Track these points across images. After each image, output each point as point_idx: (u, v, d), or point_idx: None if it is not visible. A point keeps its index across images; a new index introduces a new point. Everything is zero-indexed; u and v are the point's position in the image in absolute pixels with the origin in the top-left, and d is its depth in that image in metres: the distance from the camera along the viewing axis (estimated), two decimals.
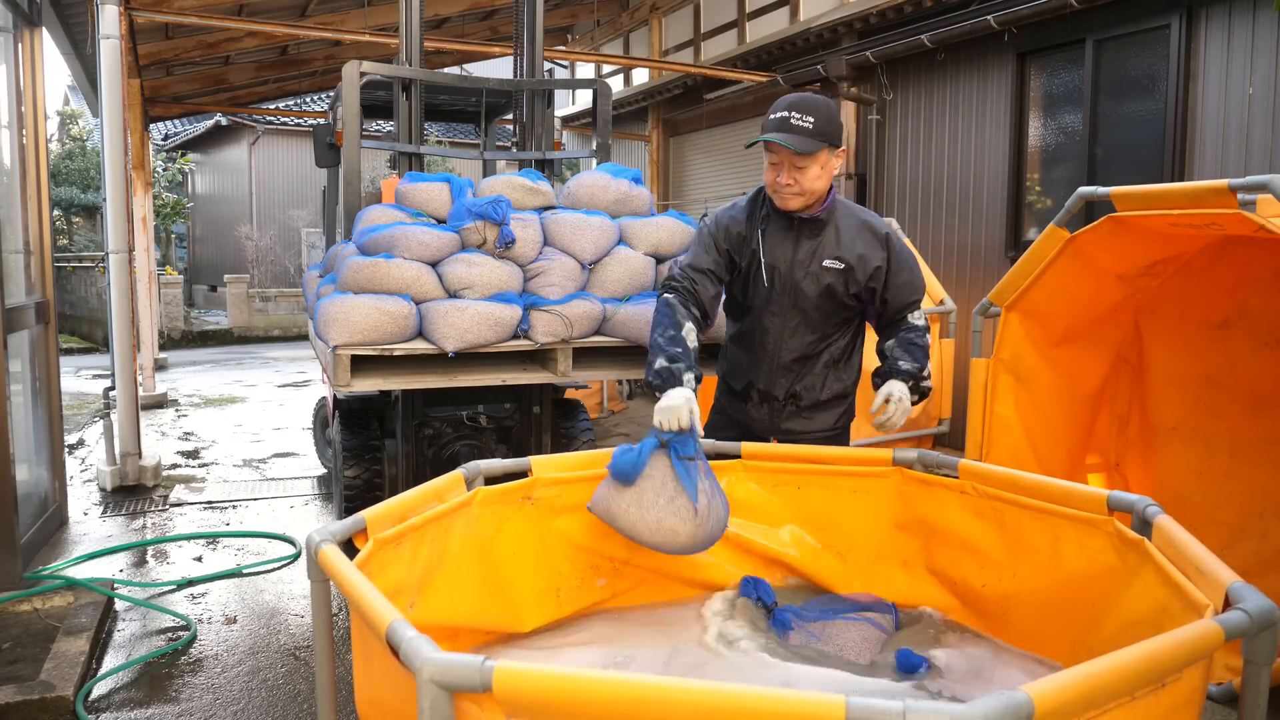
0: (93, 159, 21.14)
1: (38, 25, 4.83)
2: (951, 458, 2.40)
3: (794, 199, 2.64)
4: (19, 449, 4.28)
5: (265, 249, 21.37)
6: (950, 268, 6.95)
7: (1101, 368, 3.98)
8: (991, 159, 6.69)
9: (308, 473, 6.39)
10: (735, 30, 9.41)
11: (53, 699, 3.03)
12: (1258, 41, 5.09)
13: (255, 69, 11.24)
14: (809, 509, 2.55)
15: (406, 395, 4.30)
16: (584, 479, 2.44)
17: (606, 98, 4.80)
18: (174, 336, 16.22)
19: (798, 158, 2.57)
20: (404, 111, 4.37)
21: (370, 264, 3.41)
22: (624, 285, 3.69)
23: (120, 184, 5.73)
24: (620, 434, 7.22)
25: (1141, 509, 1.91)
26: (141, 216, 9.09)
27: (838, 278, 2.71)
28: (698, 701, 1.18)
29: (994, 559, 2.26)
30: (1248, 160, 5.13)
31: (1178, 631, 1.35)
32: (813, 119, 2.56)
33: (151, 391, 9.22)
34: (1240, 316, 3.76)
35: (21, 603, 3.83)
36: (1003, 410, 3.79)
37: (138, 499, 5.67)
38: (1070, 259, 3.48)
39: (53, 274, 4.91)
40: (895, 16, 7.20)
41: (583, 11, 11.33)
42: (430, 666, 1.27)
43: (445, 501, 2.15)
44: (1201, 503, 3.83)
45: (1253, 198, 2.80)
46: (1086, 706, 1.22)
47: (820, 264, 2.70)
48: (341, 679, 2.99)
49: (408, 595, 1.96)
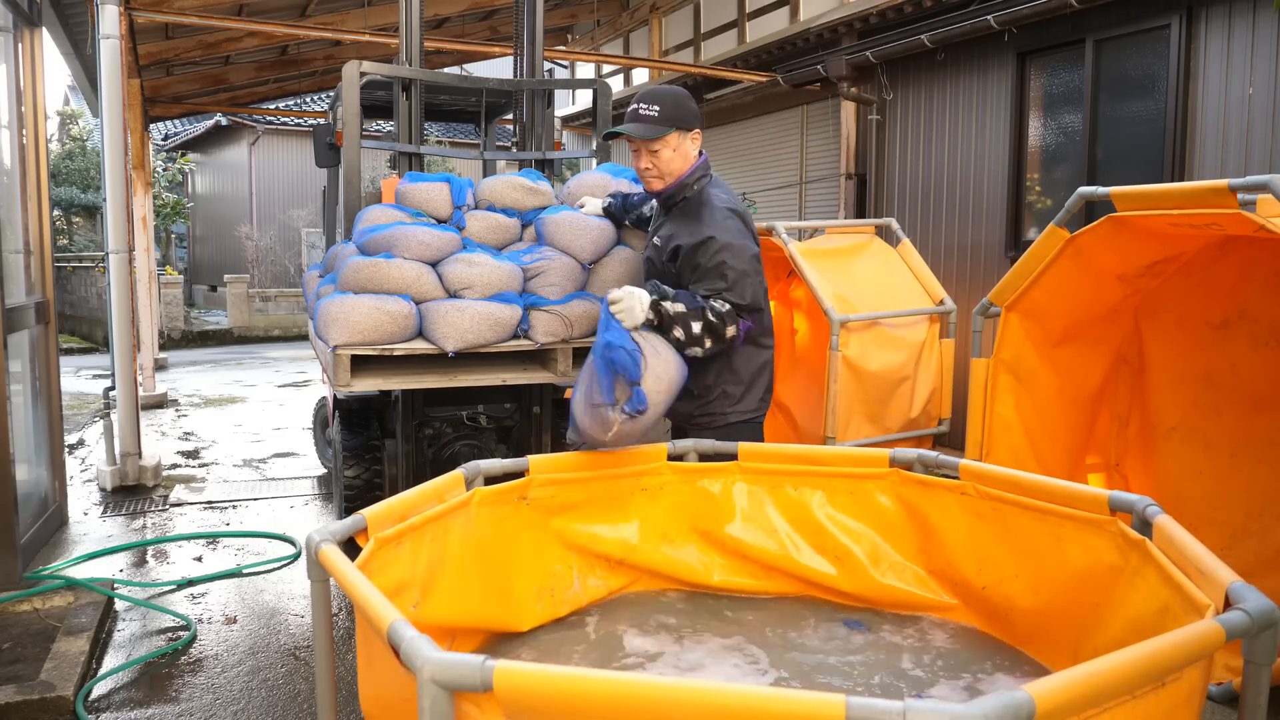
0: (93, 159, 21.14)
1: (38, 25, 4.83)
2: (952, 458, 2.39)
3: (655, 181, 2.90)
4: (19, 449, 4.28)
5: (265, 249, 21.36)
6: (950, 268, 6.95)
7: (1101, 368, 3.98)
8: (991, 159, 6.69)
9: (308, 473, 6.39)
10: (735, 30, 9.41)
11: (53, 699, 3.04)
12: (1258, 41, 5.09)
13: (255, 69, 11.24)
14: (804, 511, 2.54)
15: (406, 395, 4.30)
16: (578, 479, 2.44)
17: (606, 98, 4.80)
18: (174, 336, 16.22)
19: (648, 143, 2.82)
20: (404, 111, 4.37)
21: (370, 264, 3.41)
22: (624, 285, 3.69)
23: (120, 184, 5.73)
24: None
25: (1142, 509, 1.91)
26: (141, 216, 9.10)
27: (656, 253, 2.97)
28: (698, 701, 1.18)
29: (995, 560, 2.26)
30: (1248, 160, 5.13)
31: (1179, 631, 1.35)
32: (658, 106, 2.80)
33: (151, 391, 9.23)
34: (1240, 316, 3.76)
35: (21, 603, 3.83)
36: (1003, 410, 3.79)
37: (138, 499, 5.67)
38: (1070, 259, 3.48)
39: (53, 274, 4.91)
40: (895, 16, 7.20)
41: (583, 11, 11.33)
42: (430, 666, 1.27)
43: (445, 501, 2.15)
44: (1201, 503, 3.83)
45: (1253, 198, 2.80)
46: (1087, 706, 1.22)
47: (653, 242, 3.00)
48: (341, 679, 2.99)
49: (410, 594, 1.96)
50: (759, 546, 2.53)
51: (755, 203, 9.27)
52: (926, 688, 2.01)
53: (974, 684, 2.03)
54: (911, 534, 2.44)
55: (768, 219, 7.21)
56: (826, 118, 8.36)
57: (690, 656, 2.19)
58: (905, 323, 5.56)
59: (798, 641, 2.26)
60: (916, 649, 2.20)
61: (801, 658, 2.16)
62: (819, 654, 2.18)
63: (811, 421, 6.12)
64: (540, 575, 2.38)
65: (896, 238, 6.06)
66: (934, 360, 5.67)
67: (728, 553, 2.55)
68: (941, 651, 2.20)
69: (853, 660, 2.15)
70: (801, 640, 2.26)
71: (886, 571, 2.45)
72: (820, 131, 8.53)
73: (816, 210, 8.58)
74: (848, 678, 2.05)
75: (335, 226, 5.20)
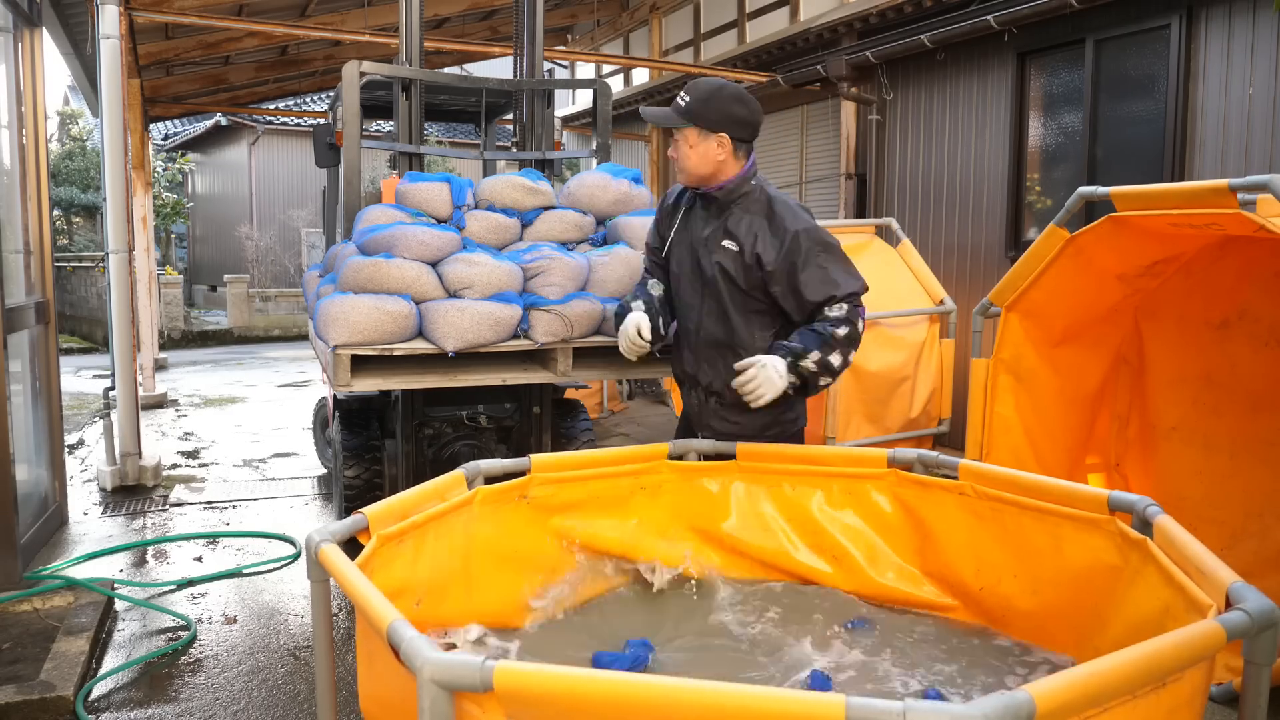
0: (93, 159, 21.13)
1: (38, 25, 4.83)
2: (951, 458, 2.39)
3: (681, 173, 2.75)
4: (19, 449, 4.28)
5: (265, 249, 21.36)
6: (950, 268, 6.95)
7: (1101, 368, 3.98)
8: (991, 159, 6.69)
9: (308, 473, 6.39)
10: (735, 30, 9.41)
11: (53, 699, 3.03)
12: (1258, 41, 5.09)
13: (255, 69, 11.24)
14: (803, 511, 2.53)
15: (406, 395, 4.30)
16: (579, 478, 2.44)
17: (606, 98, 4.80)
18: (174, 336, 16.21)
19: (674, 132, 2.70)
20: (404, 111, 4.37)
21: (370, 264, 3.41)
22: (624, 285, 3.68)
23: (120, 184, 5.73)
24: (620, 434, 7.22)
25: (1142, 509, 1.91)
26: (141, 216, 9.09)
27: (732, 260, 2.69)
28: (697, 701, 1.18)
29: (994, 560, 2.25)
30: (1248, 160, 5.13)
31: (1179, 632, 1.35)
32: (689, 97, 2.64)
33: (151, 391, 9.22)
34: (1240, 316, 3.76)
35: (21, 603, 3.83)
36: (1003, 410, 3.79)
37: (138, 499, 5.67)
38: (1070, 259, 3.48)
39: (53, 274, 4.91)
40: (895, 16, 7.20)
41: (583, 11, 11.33)
42: (431, 666, 1.27)
43: (447, 500, 2.15)
44: (1201, 503, 3.83)
45: (1253, 198, 2.80)
46: (1088, 706, 1.22)
47: (719, 244, 2.72)
48: (341, 679, 2.99)
49: (411, 593, 1.96)
50: (757, 545, 2.53)
51: None
52: (926, 686, 2.00)
53: (981, 681, 2.02)
54: (909, 534, 2.44)
55: None
56: (826, 118, 8.36)
57: (690, 656, 2.19)
58: (905, 323, 5.56)
59: (798, 640, 2.25)
60: (917, 647, 2.20)
61: (801, 657, 2.16)
62: (819, 653, 2.18)
63: (811, 421, 6.10)
64: (541, 573, 2.38)
65: (896, 238, 6.06)
66: (934, 360, 5.67)
67: (726, 551, 2.55)
68: (941, 651, 2.19)
69: (853, 659, 2.15)
70: (802, 639, 2.26)
71: (884, 571, 2.44)
72: (820, 131, 8.53)
73: (816, 210, 8.57)
74: (848, 677, 2.05)
75: (335, 226, 5.20)
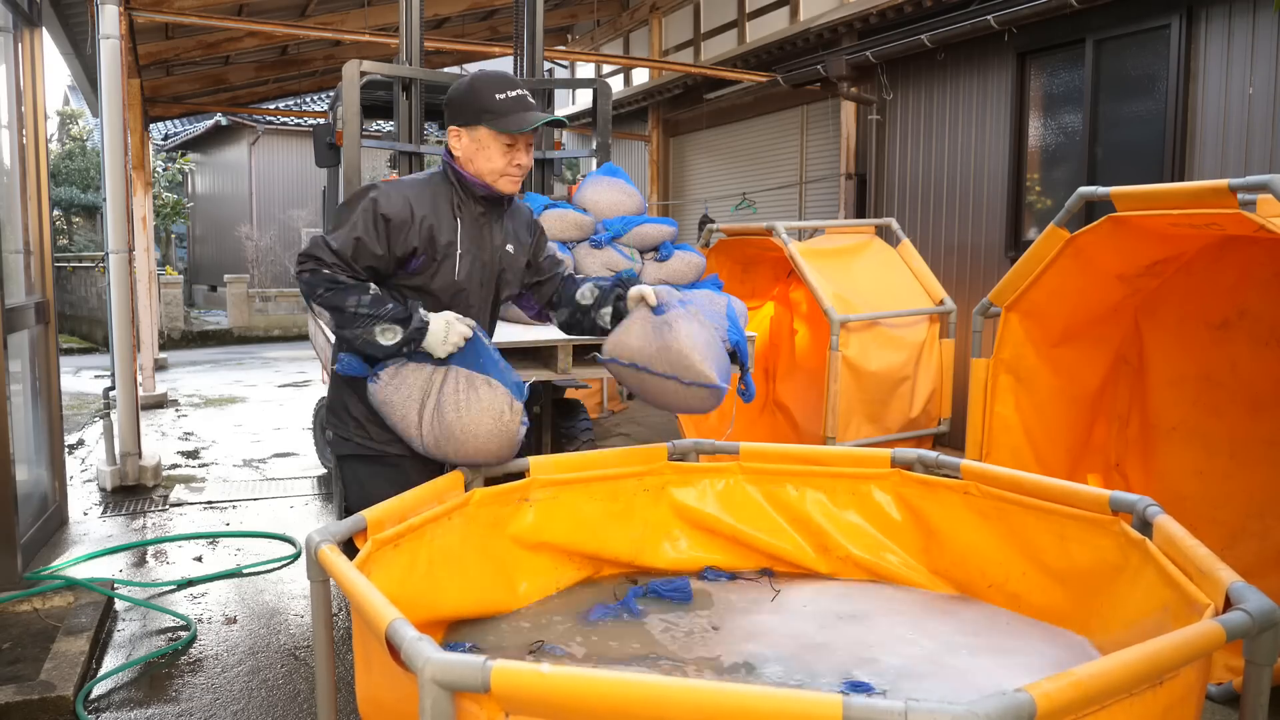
0: (93, 159, 21.14)
1: (38, 25, 4.83)
2: (953, 459, 2.39)
3: (520, 181, 2.48)
4: (19, 449, 4.27)
5: (265, 249, 21.35)
6: (950, 268, 6.95)
7: (1101, 368, 3.98)
8: (991, 159, 6.69)
9: (308, 473, 6.39)
10: (735, 30, 9.40)
11: (53, 699, 3.03)
12: (1258, 41, 5.09)
13: (255, 69, 11.24)
14: (806, 511, 2.54)
15: None
16: (579, 480, 2.44)
17: (606, 98, 4.80)
18: (174, 336, 16.21)
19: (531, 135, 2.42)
20: (404, 111, 4.37)
21: None
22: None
23: (120, 184, 5.73)
24: (620, 434, 7.21)
25: (1142, 509, 1.91)
26: (141, 216, 9.09)
27: (520, 259, 2.62)
28: (697, 701, 1.18)
29: (999, 560, 2.26)
30: (1248, 160, 5.13)
31: (1180, 632, 1.35)
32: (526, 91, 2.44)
33: (151, 391, 9.22)
34: (1240, 316, 3.76)
35: (21, 603, 3.83)
36: (1003, 410, 3.79)
37: (138, 499, 5.67)
38: (1070, 259, 3.48)
39: (53, 274, 4.91)
40: (895, 16, 7.19)
41: (583, 11, 11.33)
42: (431, 666, 1.27)
43: (444, 502, 2.15)
44: (1201, 503, 3.83)
45: (1253, 198, 2.80)
46: (1089, 705, 1.22)
47: (505, 249, 2.57)
48: (341, 679, 2.99)
49: (410, 595, 1.96)
50: (763, 543, 2.53)
51: (755, 203, 9.27)
52: (926, 682, 2.00)
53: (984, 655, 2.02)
54: (914, 534, 2.44)
55: (768, 219, 7.21)
56: (826, 118, 8.36)
57: (689, 655, 2.19)
58: (905, 323, 5.56)
59: (796, 640, 2.25)
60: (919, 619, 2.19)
61: (800, 655, 2.15)
62: (818, 653, 2.18)
63: (811, 421, 6.12)
64: (540, 575, 2.38)
65: (896, 238, 6.05)
66: (934, 360, 5.67)
67: (729, 551, 2.55)
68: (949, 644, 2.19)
69: (852, 659, 2.14)
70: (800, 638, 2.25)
71: (889, 571, 2.45)
72: (820, 131, 8.53)
73: (816, 210, 8.59)
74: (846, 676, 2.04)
75: None
